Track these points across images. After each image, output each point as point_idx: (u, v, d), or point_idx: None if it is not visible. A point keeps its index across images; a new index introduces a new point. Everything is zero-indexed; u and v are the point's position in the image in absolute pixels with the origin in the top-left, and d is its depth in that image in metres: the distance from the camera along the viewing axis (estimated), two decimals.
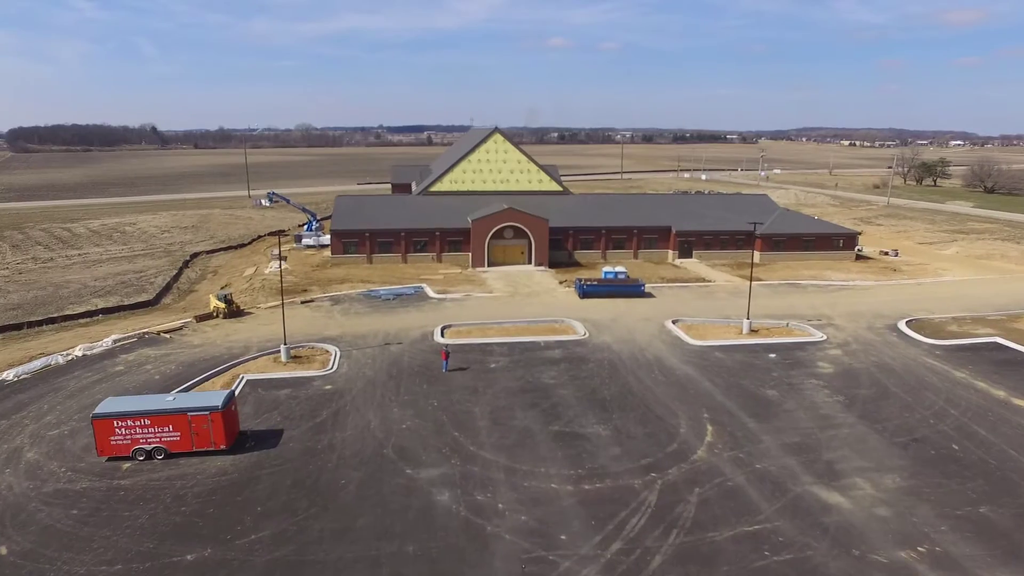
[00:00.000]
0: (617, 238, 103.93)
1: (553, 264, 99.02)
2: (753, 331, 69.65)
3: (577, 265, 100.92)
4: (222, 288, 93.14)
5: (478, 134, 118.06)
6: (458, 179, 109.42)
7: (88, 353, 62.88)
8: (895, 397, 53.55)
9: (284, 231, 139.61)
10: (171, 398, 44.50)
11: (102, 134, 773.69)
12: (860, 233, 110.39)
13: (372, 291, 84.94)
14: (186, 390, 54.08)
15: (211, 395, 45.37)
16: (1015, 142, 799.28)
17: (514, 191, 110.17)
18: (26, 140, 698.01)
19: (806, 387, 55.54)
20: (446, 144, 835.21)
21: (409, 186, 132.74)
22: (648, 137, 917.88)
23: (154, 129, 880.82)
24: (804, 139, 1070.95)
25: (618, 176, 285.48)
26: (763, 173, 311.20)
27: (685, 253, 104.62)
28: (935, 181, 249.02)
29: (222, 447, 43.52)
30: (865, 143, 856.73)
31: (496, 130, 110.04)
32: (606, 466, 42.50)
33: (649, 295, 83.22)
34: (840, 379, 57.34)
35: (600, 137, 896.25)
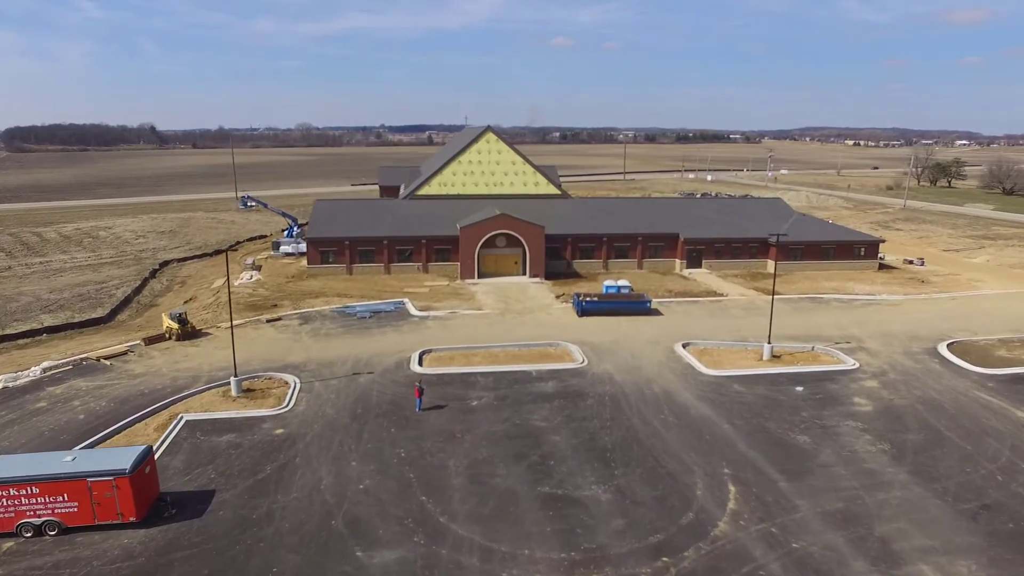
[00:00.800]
0: (620, 246, 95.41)
1: (550, 275, 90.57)
2: (775, 357, 61.18)
3: (576, 276, 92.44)
4: (185, 302, 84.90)
5: (470, 134, 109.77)
6: (447, 182, 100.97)
7: (10, 385, 54.52)
8: (950, 445, 45.04)
9: (265, 236, 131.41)
10: (70, 458, 36.07)
11: (100, 134, 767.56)
12: (883, 241, 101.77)
13: (348, 307, 76.53)
14: (115, 432, 45.90)
15: (120, 454, 36.94)
16: (1021, 141, 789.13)
17: (508, 195, 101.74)
18: (22, 140, 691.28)
19: (843, 431, 47.03)
20: (443, 144, 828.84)
21: (398, 189, 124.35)
22: (651, 137, 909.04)
23: (153, 129, 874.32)
24: (808, 139, 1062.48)
25: (621, 177, 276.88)
26: (770, 174, 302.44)
27: (694, 262, 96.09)
28: (950, 182, 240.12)
29: (132, 519, 35.13)
30: (870, 143, 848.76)
31: (488, 129, 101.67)
32: (606, 546, 34.07)
33: (655, 312, 74.77)
34: (882, 420, 48.82)
35: (602, 137, 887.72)
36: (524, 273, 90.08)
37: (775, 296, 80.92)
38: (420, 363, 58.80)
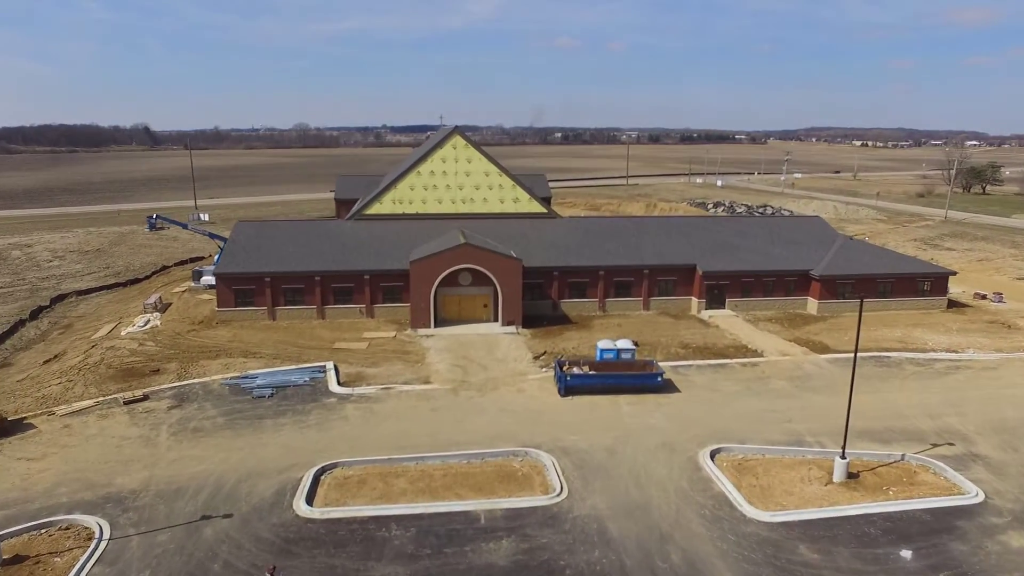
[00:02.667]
0: (621, 282, 74.67)
1: (530, 320, 69.93)
2: (851, 476, 40.42)
3: (564, 321, 71.74)
4: (45, 362, 64.40)
5: (435, 138, 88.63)
6: (403, 198, 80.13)
7: None
8: None
9: (204, 259, 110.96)
10: None
11: (90, 135, 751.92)
12: (954, 273, 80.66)
13: (246, 377, 55.90)
14: None
15: None
16: None
17: (480, 214, 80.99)
18: (9, 140, 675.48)
19: None
20: None
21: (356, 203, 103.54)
22: (655, 137, 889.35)
23: (147, 129, 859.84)
24: (814, 139, 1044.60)
25: (623, 181, 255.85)
26: (783, 178, 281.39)
27: (715, 301, 75.26)
28: (984, 188, 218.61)
29: None
30: (878, 143, 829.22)
31: (455, 131, 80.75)
32: None
33: (668, 385, 53.98)
34: None
35: (605, 137, 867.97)
36: (496, 319, 69.37)
37: (824, 354, 60.29)
38: (310, 498, 38.04)
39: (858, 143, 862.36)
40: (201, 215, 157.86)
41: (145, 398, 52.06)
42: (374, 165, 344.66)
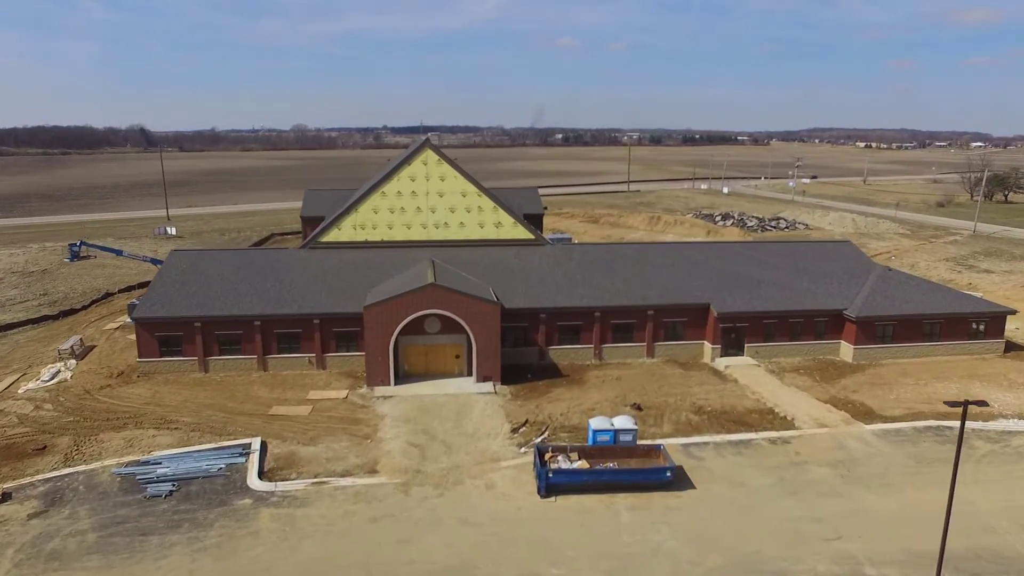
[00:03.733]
0: (621, 324, 63.01)
1: (512, 373, 58.33)
2: None
3: (553, 373, 60.09)
4: None
5: (405, 153, 76.48)
6: (366, 223, 68.42)
7: None
8: None
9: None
10: None
11: (83, 136, 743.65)
12: (1012, 312, 68.71)
13: (147, 463, 44.29)
14: None
15: None
16: None
17: (455, 241, 69.38)
18: (1, 142, 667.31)
19: None
20: (444, 146, 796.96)
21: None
22: (656, 138, 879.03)
23: (143, 131, 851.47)
24: (817, 140, 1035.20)
25: (624, 188, 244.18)
26: (792, 183, 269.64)
27: (732, 347, 63.58)
28: (1006, 196, 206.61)
29: None
30: (882, 145, 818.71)
31: (426, 144, 69.03)
32: None
33: (679, 480, 42.26)
34: None
35: (606, 139, 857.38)
36: (469, 373, 57.68)
37: (868, 425, 47.81)
38: None
39: (861, 144, 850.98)
40: (168, 228, 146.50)
41: (4, 498, 40.42)
42: (369, 168, 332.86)
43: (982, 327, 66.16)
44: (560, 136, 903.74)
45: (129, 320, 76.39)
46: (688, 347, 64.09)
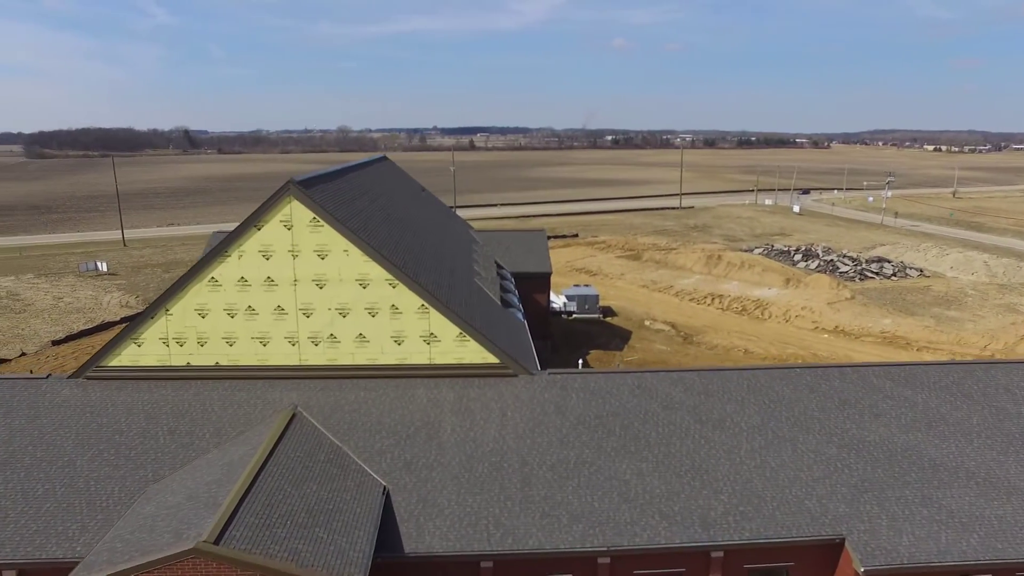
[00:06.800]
0: None
1: None
2: None
3: None
4: None
5: (278, 197, 42.83)
6: (186, 333, 36.62)
7: None
8: None
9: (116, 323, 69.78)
10: None
11: (126, 138, 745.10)
12: None
13: None
14: None
15: None
16: None
17: (348, 368, 36.97)
18: (44, 144, 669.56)
19: None
20: (490, 149, 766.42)
21: None
22: (710, 141, 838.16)
23: (186, 133, 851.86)
24: (880, 143, 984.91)
25: (675, 204, 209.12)
26: (871, 198, 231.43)
27: None
28: None
29: None
30: (953, 148, 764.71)
31: (290, 187, 36.43)
32: None
33: None
34: None
35: (658, 141, 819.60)
36: None
37: None
38: None
39: (930, 147, 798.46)
40: (99, 264, 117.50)
41: None
42: (413, 167, 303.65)
43: None
44: (610, 138, 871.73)
45: None
46: None
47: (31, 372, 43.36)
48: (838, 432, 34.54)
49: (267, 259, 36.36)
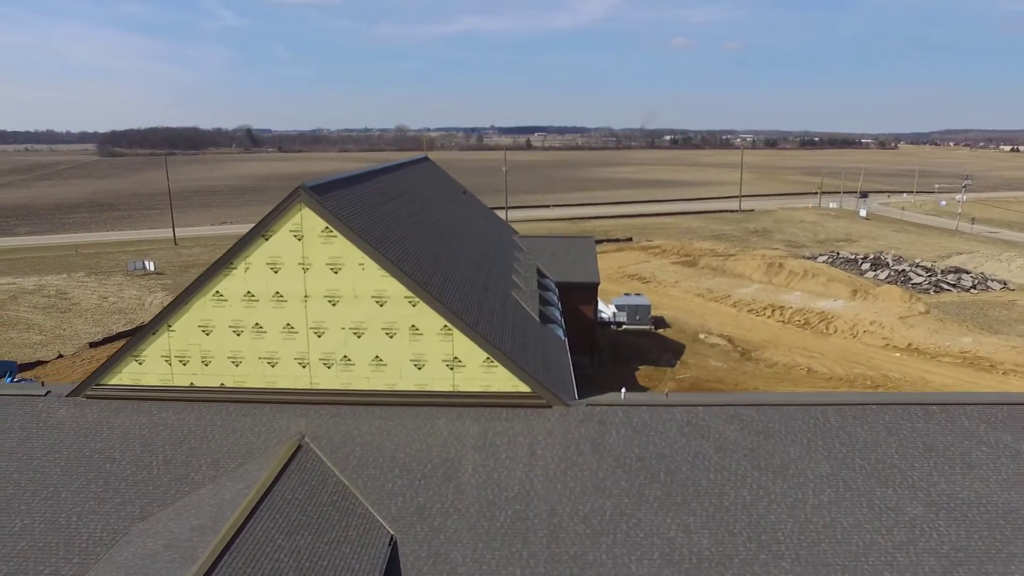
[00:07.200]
0: None
1: None
2: None
3: None
4: None
5: (286, 206, 39.29)
6: (189, 351, 33.63)
7: None
8: None
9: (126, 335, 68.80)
10: None
11: (190, 137, 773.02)
12: None
13: None
14: None
15: None
16: None
17: (363, 393, 33.48)
18: (115, 144, 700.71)
19: None
20: (546, 148, 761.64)
21: None
22: (771, 141, 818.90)
23: (249, 132, 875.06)
24: (951, 143, 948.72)
25: (735, 207, 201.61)
26: (943, 202, 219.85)
27: None
28: None
29: None
30: None
31: (301, 192, 32.99)
32: None
33: None
34: None
35: (717, 141, 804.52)
36: None
37: None
38: None
39: (1007, 148, 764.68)
40: (146, 263, 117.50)
41: None
42: (451, 173, 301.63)
43: None
44: (668, 138, 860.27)
45: None
46: None
47: (41, 382, 41.32)
48: (923, 486, 29.44)
49: (276, 272, 33.01)
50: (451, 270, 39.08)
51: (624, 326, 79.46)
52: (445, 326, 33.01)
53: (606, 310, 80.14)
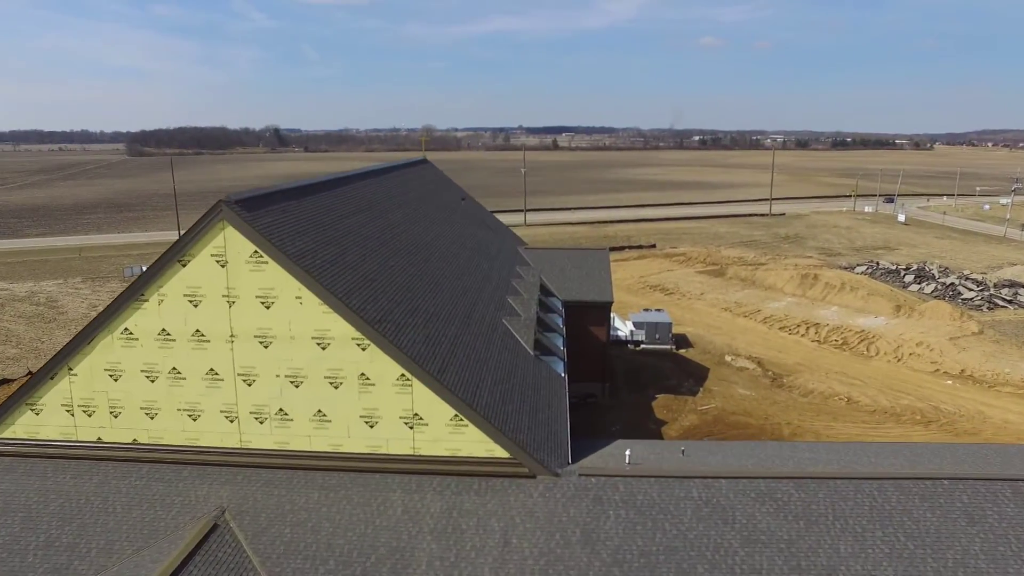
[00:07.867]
0: None
1: None
2: None
3: None
4: None
5: (205, 221, 32.98)
6: (94, 400, 27.42)
7: None
8: None
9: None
10: None
11: (218, 137, 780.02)
12: None
13: None
14: None
15: None
16: None
17: (300, 454, 27.11)
18: (144, 143, 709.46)
19: None
20: (573, 148, 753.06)
21: None
22: (803, 142, 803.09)
23: (276, 131, 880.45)
24: (989, 143, 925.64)
25: (765, 211, 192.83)
26: (987, 206, 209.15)
27: None
28: None
29: None
30: None
31: (223, 208, 26.59)
32: None
33: None
34: None
35: (747, 142, 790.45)
36: None
37: None
38: None
39: None
40: (142, 268, 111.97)
41: None
42: (479, 174, 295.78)
43: None
44: (697, 139, 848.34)
45: None
46: None
47: None
48: None
49: (195, 306, 26.60)
50: (422, 300, 32.42)
51: (642, 345, 72.33)
52: (403, 375, 26.37)
53: (623, 327, 73.12)
